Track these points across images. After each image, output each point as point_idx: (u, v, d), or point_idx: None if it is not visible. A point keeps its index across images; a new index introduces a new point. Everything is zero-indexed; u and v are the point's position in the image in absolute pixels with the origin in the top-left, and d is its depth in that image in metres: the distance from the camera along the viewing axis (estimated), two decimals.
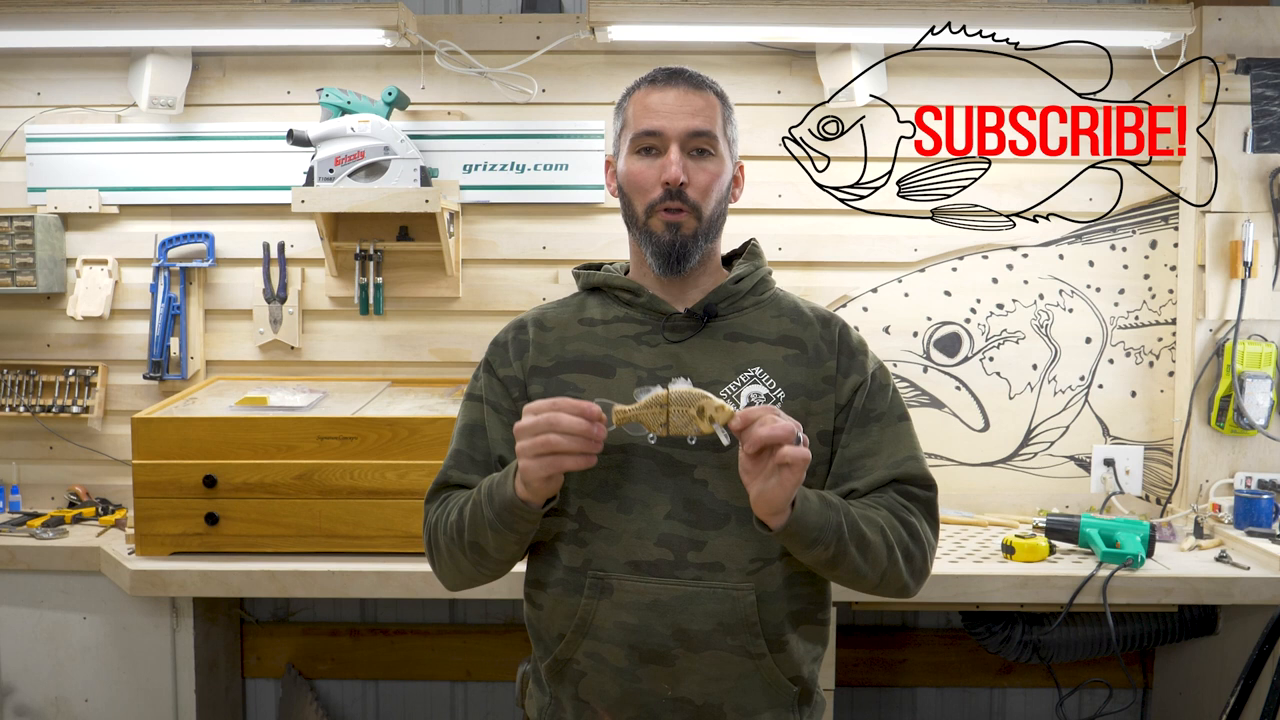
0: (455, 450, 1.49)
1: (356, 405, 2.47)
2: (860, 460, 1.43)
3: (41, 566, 2.46)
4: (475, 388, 1.52)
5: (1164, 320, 2.74)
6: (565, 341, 1.47)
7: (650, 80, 1.46)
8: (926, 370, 2.76)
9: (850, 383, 1.45)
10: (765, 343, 1.46)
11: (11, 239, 2.64)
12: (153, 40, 2.57)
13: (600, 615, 1.39)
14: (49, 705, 2.49)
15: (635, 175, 1.44)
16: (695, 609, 1.37)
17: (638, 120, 1.44)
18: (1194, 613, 2.57)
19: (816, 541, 1.31)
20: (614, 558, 1.39)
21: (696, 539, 1.38)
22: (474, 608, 2.93)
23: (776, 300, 1.52)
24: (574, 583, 1.41)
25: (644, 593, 1.38)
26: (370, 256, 2.71)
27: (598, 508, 1.40)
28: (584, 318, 1.50)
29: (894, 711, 2.96)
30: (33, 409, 2.74)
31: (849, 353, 1.48)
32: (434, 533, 1.46)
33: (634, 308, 1.48)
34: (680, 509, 1.38)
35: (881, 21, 2.44)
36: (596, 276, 1.53)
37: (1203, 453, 2.64)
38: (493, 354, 1.52)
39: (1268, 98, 2.50)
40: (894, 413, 1.47)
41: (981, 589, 2.29)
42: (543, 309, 1.55)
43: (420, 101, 2.70)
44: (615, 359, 1.44)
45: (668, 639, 1.37)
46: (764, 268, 1.53)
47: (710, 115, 1.44)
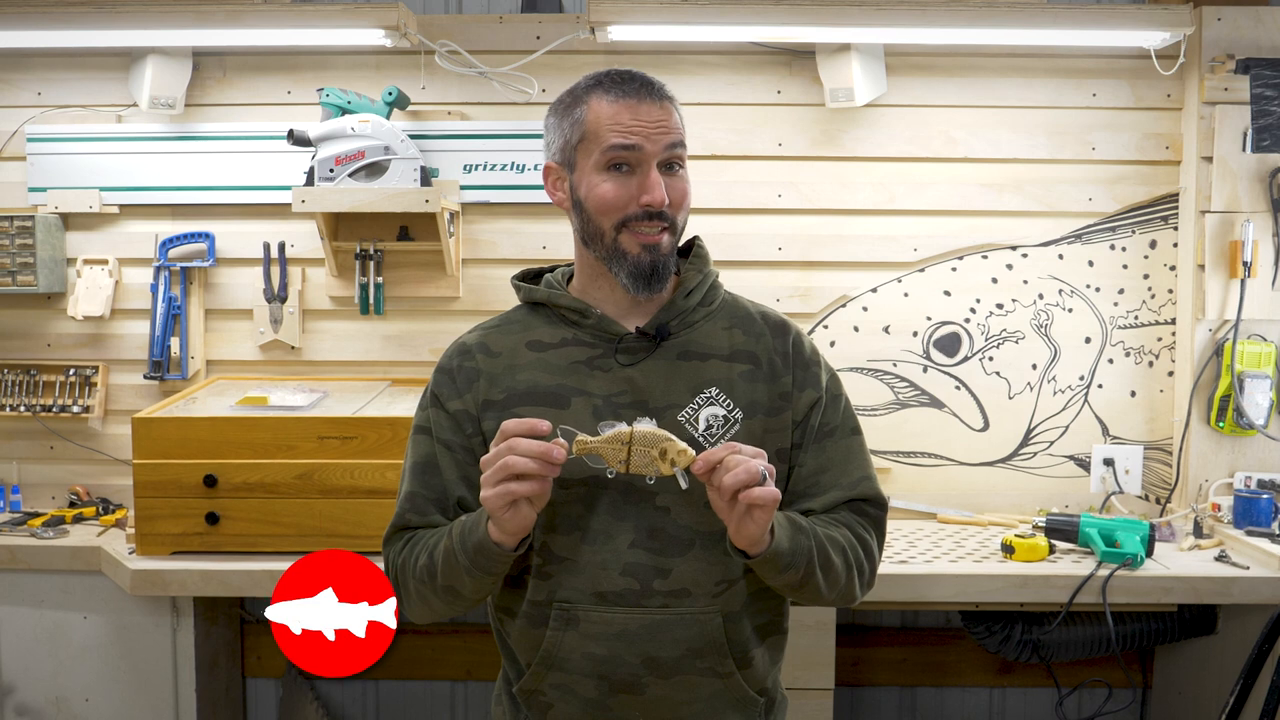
0: (409, 493, 1.44)
1: (357, 405, 2.48)
2: (816, 477, 1.43)
3: (42, 566, 2.46)
4: (423, 419, 1.45)
5: (1164, 320, 2.74)
6: (515, 370, 1.41)
7: (617, 90, 1.36)
8: (926, 370, 2.76)
9: (805, 398, 1.43)
10: (719, 359, 1.41)
11: (12, 239, 2.65)
12: (153, 40, 2.57)
13: (566, 647, 1.37)
14: (50, 705, 2.50)
15: (605, 194, 1.35)
16: (664, 636, 1.36)
17: (605, 134, 1.35)
18: (1193, 612, 2.58)
19: (790, 567, 1.31)
20: (579, 589, 1.36)
21: (661, 566, 1.36)
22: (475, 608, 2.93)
23: (726, 308, 1.47)
24: (539, 615, 1.39)
25: (610, 623, 1.36)
26: (370, 256, 2.71)
27: (561, 540, 1.37)
28: (531, 340, 1.43)
29: (894, 711, 2.96)
30: (33, 409, 2.74)
31: (803, 365, 1.45)
32: (401, 574, 1.44)
33: (582, 329, 1.41)
34: (644, 537, 1.36)
35: (881, 21, 2.44)
36: (540, 293, 1.45)
37: (1202, 452, 2.64)
38: (439, 384, 1.45)
39: (1267, 97, 2.50)
40: (846, 426, 1.46)
41: (981, 588, 2.30)
42: (485, 331, 1.47)
43: (420, 101, 2.71)
44: (569, 388, 1.38)
45: (637, 668, 1.36)
46: (711, 271, 1.48)
47: (678, 125, 1.38)
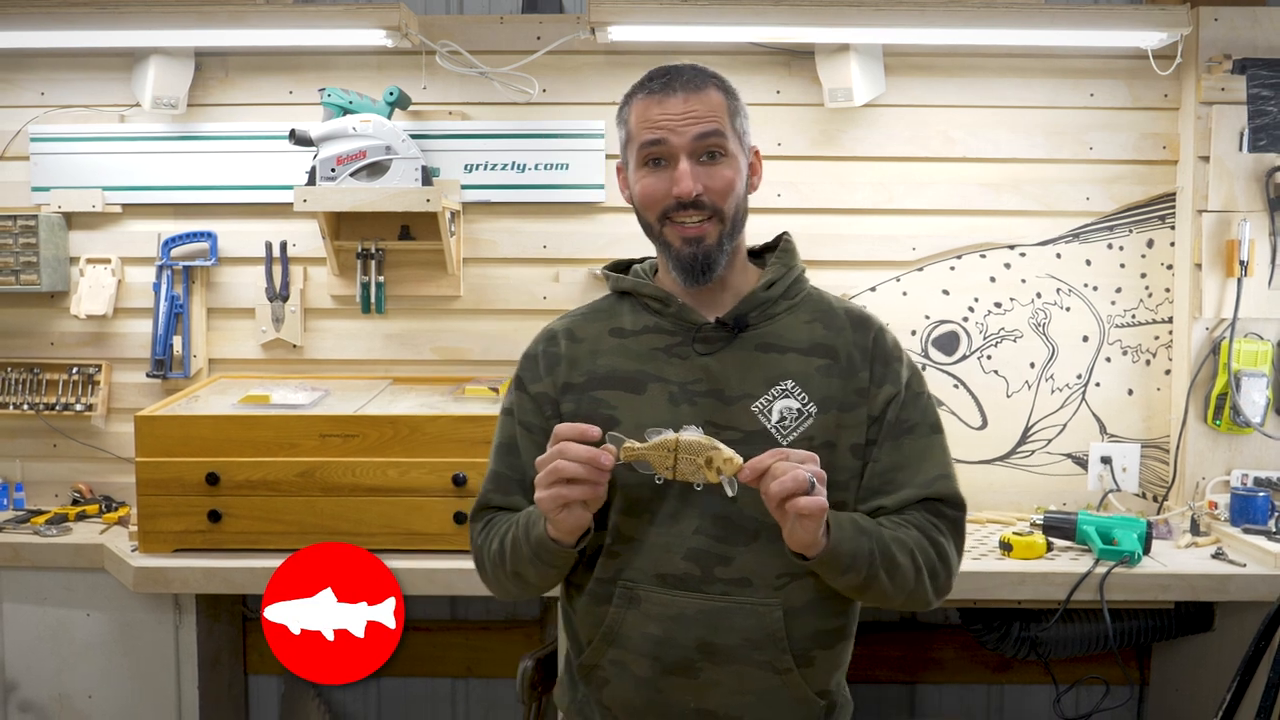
0: (494, 472, 1.50)
1: (358, 403, 2.49)
2: (891, 474, 1.41)
3: (45, 564, 2.47)
4: (508, 401, 1.51)
5: (1161, 319, 2.75)
6: (597, 355, 1.45)
7: (648, 88, 1.41)
8: (925, 368, 2.77)
9: (884, 394, 1.42)
10: (797, 353, 1.42)
11: (15, 238, 2.66)
12: (156, 41, 2.58)
13: (627, 625, 1.40)
14: (53, 701, 2.51)
15: (645, 189, 1.41)
16: (721, 623, 1.37)
17: (640, 132, 1.40)
18: (1190, 609, 2.58)
19: (850, 569, 1.31)
20: (643, 569, 1.39)
21: (724, 554, 1.37)
22: (475, 605, 2.94)
23: (809, 301, 1.48)
24: (603, 593, 1.42)
25: (670, 605, 1.38)
26: (372, 255, 2.72)
27: (630, 521, 1.40)
28: (614, 328, 1.47)
29: (892, 707, 2.97)
30: (36, 407, 2.76)
31: (883, 360, 1.43)
32: (480, 556, 1.49)
33: (664, 317, 1.45)
34: (709, 524, 1.38)
35: (880, 22, 2.45)
36: (626, 282, 1.49)
37: (1199, 450, 2.65)
38: (524, 368, 1.50)
39: (1264, 97, 2.51)
40: (926, 423, 1.43)
41: (979, 586, 2.30)
42: (573, 318, 1.52)
43: (421, 101, 2.72)
44: (647, 374, 1.42)
45: (692, 651, 1.38)
46: (797, 267, 1.49)
47: (716, 114, 1.39)
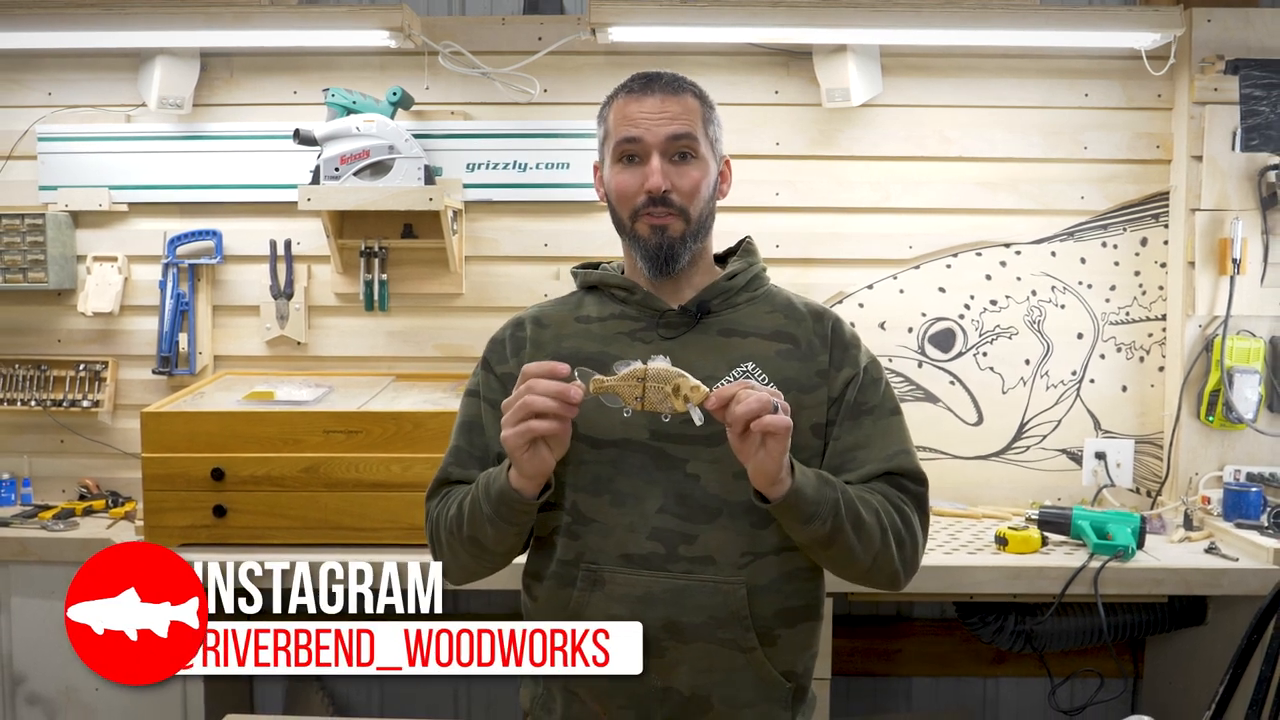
0: (454, 447, 1.52)
1: (362, 400, 2.51)
2: (852, 453, 1.44)
3: (52, 558, 2.49)
4: (473, 383, 1.54)
5: (1154, 316, 2.78)
6: (561, 338, 1.49)
7: (628, 89, 1.47)
8: (921, 365, 2.80)
9: (842, 375, 1.46)
10: (758, 338, 1.47)
11: (23, 236, 2.68)
12: (162, 41, 2.61)
13: (592, 608, 1.41)
14: (60, 694, 2.52)
15: (619, 184, 1.45)
16: (686, 602, 1.39)
17: (617, 129, 1.45)
18: (1183, 603, 2.59)
19: (814, 516, 1.32)
20: (606, 551, 1.41)
21: (688, 533, 1.39)
22: (476, 598, 2.96)
23: (770, 296, 1.53)
24: (567, 575, 1.43)
25: (635, 585, 1.40)
26: (375, 253, 2.75)
27: (591, 501, 1.42)
28: (580, 315, 1.52)
29: (889, 700, 3.00)
30: (44, 403, 2.79)
31: (841, 346, 1.48)
32: (435, 528, 1.50)
33: (629, 305, 1.49)
34: (672, 503, 1.40)
35: (878, 23, 2.47)
36: (593, 275, 1.54)
37: (1192, 446, 2.68)
38: (491, 351, 1.54)
39: (1256, 97, 2.53)
40: (886, 406, 1.47)
41: (975, 580, 2.32)
42: (541, 307, 1.57)
43: (424, 101, 2.74)
44: (610, 355, 1.44)
45: (659, 631, 1.39)
46: (758, 264, 1.54)
47: (689, 118, 1.44)
